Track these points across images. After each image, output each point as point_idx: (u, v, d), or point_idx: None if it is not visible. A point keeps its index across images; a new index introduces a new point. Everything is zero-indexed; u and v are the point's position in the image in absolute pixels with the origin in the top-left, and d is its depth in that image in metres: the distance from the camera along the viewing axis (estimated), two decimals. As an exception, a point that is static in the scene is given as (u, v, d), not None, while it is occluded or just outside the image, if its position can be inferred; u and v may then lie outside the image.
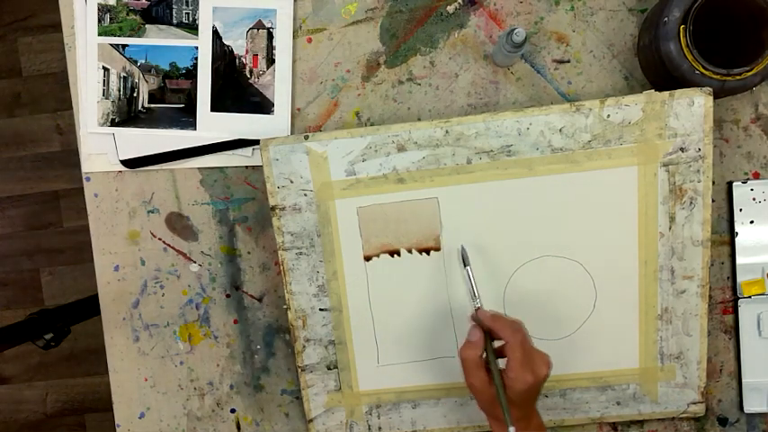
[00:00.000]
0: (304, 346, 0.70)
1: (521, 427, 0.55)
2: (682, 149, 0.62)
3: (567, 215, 0.65)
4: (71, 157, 1.55)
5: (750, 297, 0.67)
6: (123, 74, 0.71)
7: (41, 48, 1.54)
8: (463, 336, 0.68)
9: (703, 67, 0.58)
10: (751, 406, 0.69)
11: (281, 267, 0.68)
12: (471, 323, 0.57)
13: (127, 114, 0.71)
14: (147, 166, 0.72)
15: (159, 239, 0.73)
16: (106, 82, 0.71)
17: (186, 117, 0.70)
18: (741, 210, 0.67)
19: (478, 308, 0.57)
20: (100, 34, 0.70)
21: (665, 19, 0.57)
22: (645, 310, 0.66)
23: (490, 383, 0.54)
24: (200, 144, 0.71)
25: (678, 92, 0.61)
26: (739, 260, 0.67)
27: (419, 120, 0.69)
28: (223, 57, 0.70)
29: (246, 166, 0.71)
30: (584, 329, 0.67)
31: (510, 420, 0.52)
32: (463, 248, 0.60)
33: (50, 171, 1.56)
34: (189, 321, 0.74)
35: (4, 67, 1.55)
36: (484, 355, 0.56)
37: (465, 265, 0.59)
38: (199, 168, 0.72)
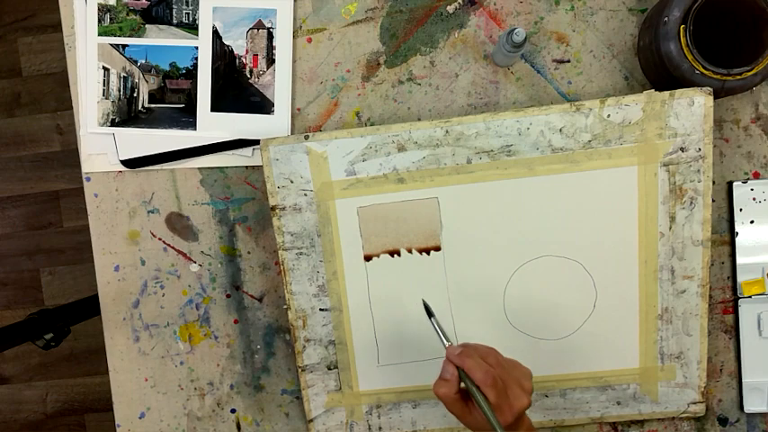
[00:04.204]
0: (304, 346, 0.70)
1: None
2: (682, 149, 0.62)
3: (567, 215, 0.65)
4: (71, 157, 1.55)
5: (750, 297, 0.67)
6: (123, 74, 0.71)
7: (41, 48, 1.54)
8: (464, 336, 0.68)
9: (703, 67, 0.58)
10: (751, 406, 0.69)
11: (281, 267, 0.68)
12: (444, 358, 0.55)
13: (127, 114, 0.71)
14: (147, 166, 0.72)
15: (159, 239, 0.73)
16: (106, 82, 0.71)
17: (186, 117, 0.70)
18: (741, 210, 0.67)
19: (449, 345, 0.56)
20: (100, 34, 0.70)
21: (665, 19, 0.57)
22: (645, 310, 0.66)
23: (470, 412, 0.53)
24: (200, 144, 0.71)
25: (678, 92, 0.61)
26: (739, 260, 0.67)
27: (419, 120, 0.69)
28: (223, 57, 0.70)
29: (246, 166, 0.71)
30: (584, 329, 0.67)
31: None
32: (424, 302, 0.60)
33: (50, 171, 1.56)
34: (189, 321, 0.74)
35: (4, 67, 1.55)
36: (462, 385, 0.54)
37: (429, 317, 0.59)
38: (199, 168, 0.72)
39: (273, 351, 0.74)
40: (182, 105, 0.70)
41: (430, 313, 0.59)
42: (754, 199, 0.66)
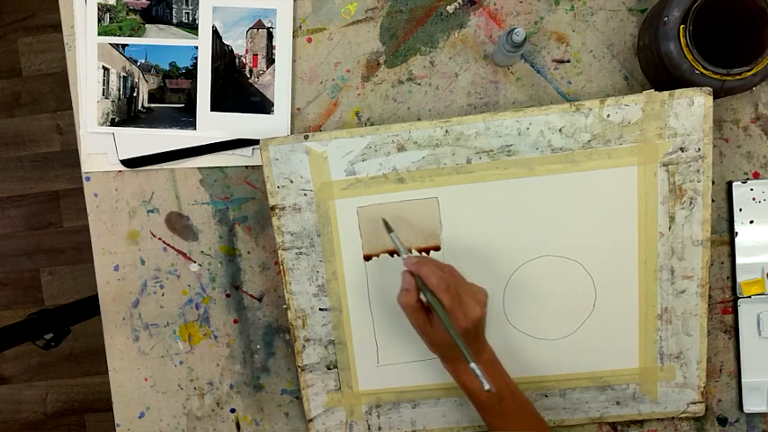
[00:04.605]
0: (304, 346, 0.70)
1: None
2: (681, 149, 0.62)
3: (567, 215, 0.65)
4: (71, 157, 1.55)
5: (750, 297, 0.67)
6: (123, 74, 0.71)
7: (41, 48, 1.54)
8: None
9: (703, 67, 0.58)
10: (751, 406, 0.69)
11: (281, 267, 0.68)
12: (404, 269, 0.58)
13: (127, 114, 0.71)
14: (146, 165, 0.72)
15: (159, 239, 0.73)
16: (106, 82, 0.71)
17: (186, 117, 0.70)
18: (741, 210, 0.67)
19: (407, 256, 0.58)
20: (100, 34, 0.70)
21: (665, 19, 0.57)
22: (645, 310, 0.66)
23: (431, 324, 0.56)
24: (200, 144, 0.71)
25: (678, 92, 0.61)
26: (739, 260, 0.67)
27: (419, 120, 0.69)
28: (223, 56, 0.70)
29: (246, 166, 0.72)
30: (584, 329, 0.67)
31: (470, 357, 0.53)
32: (384, 219, 0.64)
33: (50, 171, 1.56)
34: (189, 321, 0.74)
35: (4, 67, 1.55)
36: (423, 298, 0.57)
37: (389, 232, 0.63)
38: (199, 168, 0.72)
39: (273, 351, 0.74)
40: (181, 105, 0.70)
41: (389, 229, 0.63)
42: (753, 199, 0.66)
